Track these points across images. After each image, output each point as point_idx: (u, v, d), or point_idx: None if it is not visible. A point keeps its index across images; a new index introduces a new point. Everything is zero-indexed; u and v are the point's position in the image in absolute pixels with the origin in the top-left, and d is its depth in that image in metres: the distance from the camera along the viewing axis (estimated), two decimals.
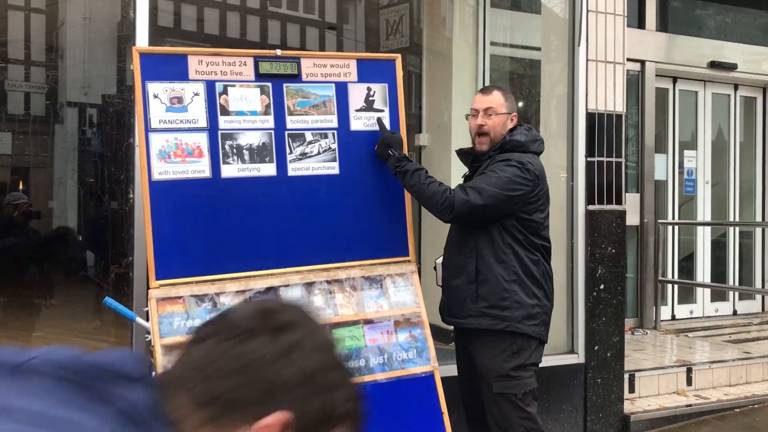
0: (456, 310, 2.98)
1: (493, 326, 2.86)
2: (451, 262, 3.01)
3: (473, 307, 2.90)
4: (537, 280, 2.92)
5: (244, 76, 2.91)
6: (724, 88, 7.24)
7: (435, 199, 2.82)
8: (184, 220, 2.79)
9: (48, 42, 10.17)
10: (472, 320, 2.91)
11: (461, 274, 2.94)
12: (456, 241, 3.01)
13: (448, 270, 3.03)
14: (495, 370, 2.86)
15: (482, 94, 3.05)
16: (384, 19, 6.72)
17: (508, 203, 2.83)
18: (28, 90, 10.56)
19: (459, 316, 2.96)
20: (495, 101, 2.97)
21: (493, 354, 2.88)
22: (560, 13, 4.77)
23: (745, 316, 7.21)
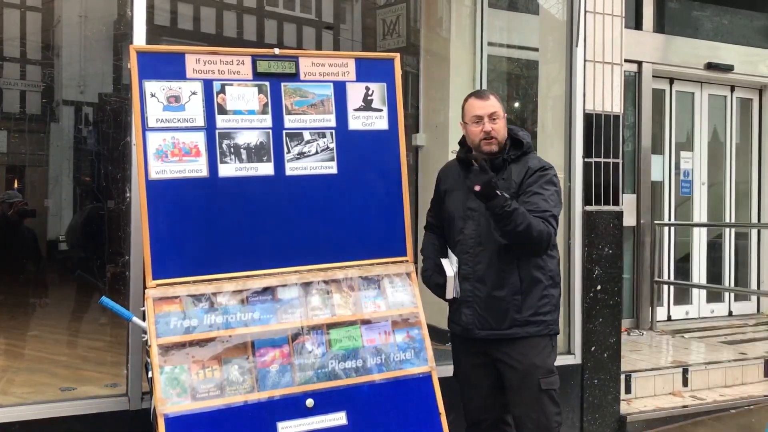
0: (495, 322, 2.91)
1: (538, 332, 2.90)
2: (492, 276, 2.91)
3: (518, 317, 2.89)
4: (559, 280, 3.03)
5: (242, 75, 2.90)
6: (720, 89, 7.26)
7: (543, 234, 2.77)
8: (181, 219, 2.77)
9: (44, 40, 10.14)
10: (518, 329, 2.89)
11: (504, 285, 2.89)
12: (495, 252, 2.90)
13: (486, 282, 2.91)
14: (543, 368, 2.90)
15: (481, 99, 2.97)
16: (381, 19, 6.71)
17: None
18: (23, 88, 10.52)
19: (499, 327, 2.90)
20: (496, 105, 2.94)
21: (537, 352, 2.91)
22: (557, 14, 4.78)
23: (741, 317, 7.23)
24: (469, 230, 2.95)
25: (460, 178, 3.02)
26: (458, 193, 3.02)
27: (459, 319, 3.02)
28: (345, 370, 2.85)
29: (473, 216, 2.94)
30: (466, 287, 2.98)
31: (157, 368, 2.62)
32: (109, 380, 3.97)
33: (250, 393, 2.69)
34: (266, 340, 2.78)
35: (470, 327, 2.98)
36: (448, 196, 3.07)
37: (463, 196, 2.98)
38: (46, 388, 4.18)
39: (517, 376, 2.91)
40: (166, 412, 2.57)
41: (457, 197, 3.03)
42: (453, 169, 3.12)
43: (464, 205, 2.98)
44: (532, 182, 2.89)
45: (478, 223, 2.93)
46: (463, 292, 2.99)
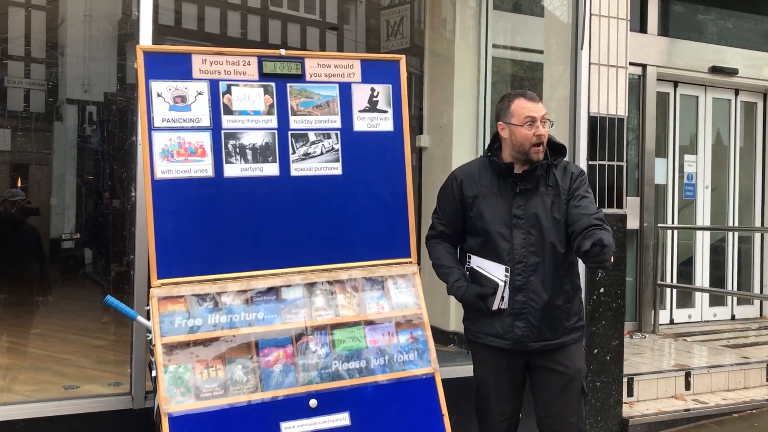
0: (550, 332, 2.85)
1: (579, 338, 2.94)
2: (548, 283, 2.82)
3: (567, 324, 2.88)
4: None
5: (248, 75, 2.91)
6: (724, 93, 7.26)
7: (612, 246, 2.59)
8: (186, 219, 2.78)
9: (48, 39, 10.17)
10: (566, 337, 2.88)
11: (560, 294, 2.85)
12: (552, 260, 2.82)
13: (542, 293, 2.82)
14: (583, 370, 2.96)
15: (533, 101, 2.82)
16: (384, 20, 6.72)
17: None
18: (28, 87, 10.55)
19: (553, 337, 2.86)
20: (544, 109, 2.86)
21: (579, 357, 2.95)
22: (562, 17, 4.78)
23: (744, 321, 7.22)
24: (519, 239, 2.81)
25: (493, 183, 2.89)
26: (496, 199, 2.87)
27: (511, 332, 2.85)
28: (348, 370, 2.85)
29: (520, 224, 2.82)
30: (518, 299, 2.83)
31: (161, 367, 2.62)
32: (113, 379, 3.98)
33: (254, 393, 2.70)
34: (270, 340, 2.79)
35: (524, 340, 2.84)
36: (482, 202, 2.88)
37: (503, 202, 2.85)
38: (49, 386, 4.20)
39: (563, 381, 2.88)
40: (170, 411, 2.58)
41: (495, 204, 2.87)
42: (480, 174, 2.93)
43: (508, 213, 2.84)
44: (578, 187, 2.85)
45: (528, 232, 2.82)
46: (516, 303, 2.84)
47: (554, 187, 2.85)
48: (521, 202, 2.84)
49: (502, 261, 2.84)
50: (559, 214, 2.83)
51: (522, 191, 2.85)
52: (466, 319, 3.03)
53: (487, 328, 2.91)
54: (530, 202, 2.84)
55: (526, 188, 2.85)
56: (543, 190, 2.85)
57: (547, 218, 2.82)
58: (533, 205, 2.84)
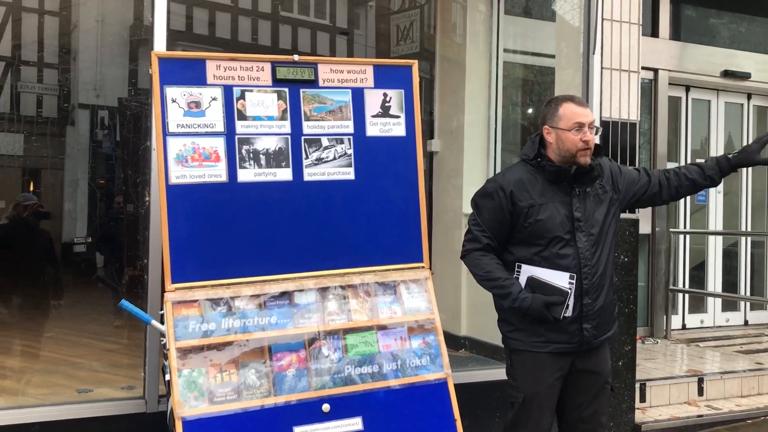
0: (605, 328, 2.87)
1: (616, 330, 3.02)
2: (606, 283, 2.83)
3: (614, 315, 2.98)
4: None
5: (262, 81, 2.92)
6: (737, 97, 7.22)
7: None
8: (200, 223, 2.80)
9: (61, 44, 10.24)
10: (614, 327, 2.99)
11: (611, 290, 2.89)
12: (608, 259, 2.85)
13: (603, 291, 2.82)
14: (611, 370, 3.00)
15: (582, 106, 2.79)
16: (395, 25, 6.74)
17: None
18: (41, 92, 10.63)
19: (606, 331, 2.89)
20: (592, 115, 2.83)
21: (608, 355, 3.00)
22: (573, 21, 4.77)
23: (757, 326, 7.17)
24: (583, 243, 2.77)
25: (549, 189, 2.81)
26: (555, 206, 2.79)
27: (578, 335, 2.80)
28: (361, 375, 2.86)
29: (582, 227, 2.78)
30: (586, 302, 2.78)
31: (175, 371, 2.63)
32: (125, 383, 4.00)
33: (267, 397, 2.71)
34: (283, 344, 2.80)
35: (590, 339, 2.82)
36: (540, 210, 2.78)
37: (562, 208, 2.79)
38: (63, 390, 4.22)
39: (600, 382, 2.92)
40: (184, 415, 2.59)
41: (555, 210, 2.79)
42: (530, 182, 2.83)
43: (569, 217, 2.78)
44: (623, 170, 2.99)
45: (589, 233, 2.79)
46: (584, 307, 2.78)
47: (604, 187, 2.88)
48: (578, 204, 2.81)
49: (566, 267, 2.77)
50: (612, 211, 2.90)
51: (579, 194, 2.82)
52: (518, 330, 2.85)
53: (551, 336, 2.80)
54: (586, 204, 2.82)
55: (584, 190, 2.82)
56: (595, 191, 2.86)
57: (602, 217, 2.85)
58: (590, 206, 2.83)
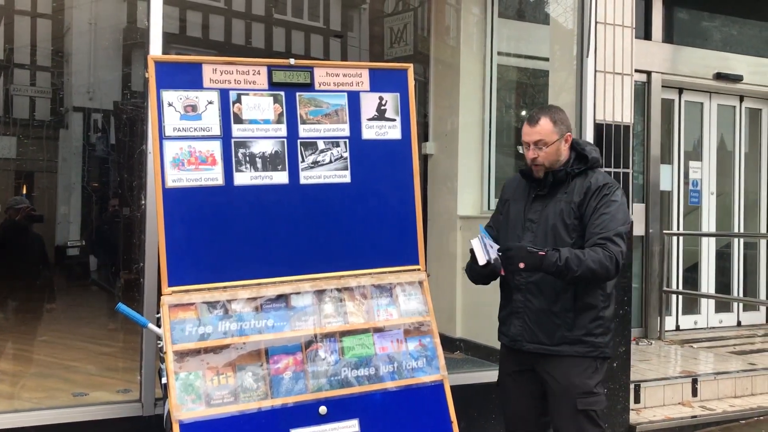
0: (545, 337, 2.84)
1: (589, 353, 2.82)
2: (547, 288, 2.84)
3: (568, 335, 2.81)
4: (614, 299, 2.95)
5: (258, 84, 2.93)
6: (729, 99, 7.27)
7: (605, 263, 2.69)
8: (196, 227, 2.80)
9: (54, 47, 10.22)
10: (566, 347, 2.82)
11: (558, 301, 2.82)
12: None
13: (543, 296, 2.85)
14: (581, 387, 2.81)
15: (529, 125, 2.91)
16: (388, 27, 6.76)
17: None
18: (34, 95, 10.60)
19: (549, 343, 2.83)
20: (543, 131, 2.86)
21: (578, 372, 2.82)
22: (565, 24, 4.80)
23: (750, 327, 7.21)
24: (526, 241, 2.85)
25: (522, 188, 3.00)
26: (519, 203, 2.98)
27: (508, 330, 2.94)
28: (358, 377, 2.87)
29: (531, 227, 2.89)
30: (517, 297, 2.90)
31: (172, 374, 2.64)
32: (120, 386, 3.99)
33: (264, 400, 2.71)
34: (280, 347, 2.80)
35: (519, 339, 2.90)
36: (510, 205, 3.02)
37: (522, 206, 2.96)
38: (58, 394, 4.21)
39: (558, 392, 2.85)
40: (181, 418, 2.59)
41: (517, 207, 2.98)
42: (515, 180, 3.08)
43: (524, 215, 2.92)
44: (596, 202, 2.81)
45: (536, 235, 2.86)
46: (515, 302, 2.91)
47: (569, 194, 2.86)
48: (538, 207, 2.90)
49: None
50: (569, 221, 2.83)
51: (538, 197, 2.92)
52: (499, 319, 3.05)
53: (499, 325, 3.02)
54: (546, 208, 2.88)
55: (542, 194, 2.91)
56: (560, 196, 2.87)
57: (556, 224, 2.84)
58: (547, 211, 2.87)
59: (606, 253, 2.70)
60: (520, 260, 2.70)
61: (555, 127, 2.89)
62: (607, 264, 2.70)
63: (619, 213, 2.80)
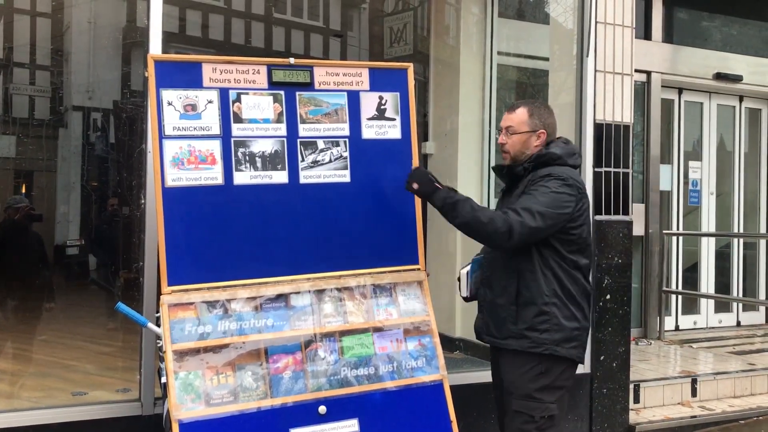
0: (496, 330, 2.88)
1: (531, 348, 2.77)
2: (495, 281, 2.89)
3: (513, 328, 2.81)
4: (576, 300, 2.82)
5: (258, 84, 2.93)
6: (729, 99, 7.27)
7: (494, 225, 2.66)
8: (196, 226, 2.79)
9: (54, 46, 10.21)
10: (512, 341, 2.81)
11: (504, 294, 2.84)
12: (501, 260, 2.88)
13: (492, 289, 2.91)
14: (519, 389, 2.80)
15: (507, 111, 2.97)
16: (388, 27, 6.76)
17: (557, 221, 2.72)
18: (33, 94, 10.59)
19: (498, 336, 2.86)
20: (516, 119, 2.91)
21: (520, 372, 2.81)
22: (565, 23, 4.80)
23: (749, 327, 7.22)
24: None
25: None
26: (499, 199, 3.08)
27: (476, 323, 3.05)
28: (357, 377, 2.86)
29: None
30: (480, 292, 3.00)
31: (171, 374, 2.63)
32: (120, 385, 3.99)
33: (264, 399, 2.71)
34: (279, 346, 2.80)
35: (479, 332, 3.01)
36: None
37: (497, 201, 3.05)
38: (57, 393, 4.21)
39: (507, 395, 2.87)
40: (181, 417, 2.59)
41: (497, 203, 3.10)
42: None
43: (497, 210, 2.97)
44: (529, 188, 2.79)
45: None
46: (479, 297, 3.01)
47: (520, 188, 2.87)
48: (502, 202, 2.99)
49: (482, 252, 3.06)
50: None
51: (504, 192, 3.03)
52: None
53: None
54: (505, 203, 2.94)
55: (505, 189, 3.02)
56: (515, 191, 2.89)
57: None
58: (504, 205, 2.93)
59: (503, 217, 2.67)
60: (415, 180, 2.85)
61: (529, 119, 2.90)
62: (498, 225, 2.65)
63: (542, 196, 2.71)
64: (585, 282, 2.87)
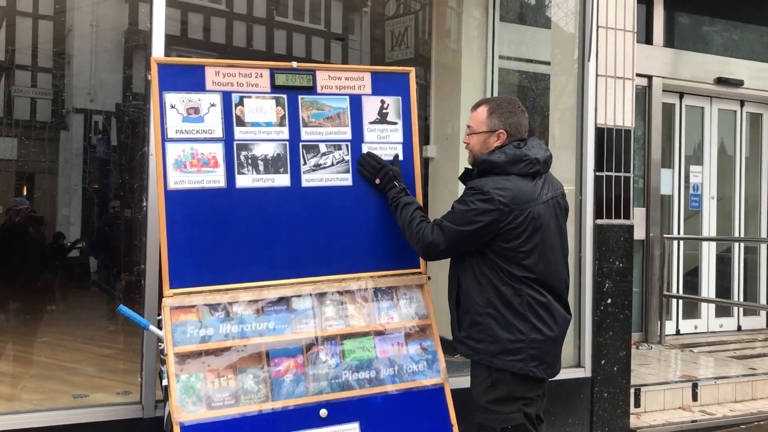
0: (461, 337, 2.85)
1: (471, 356, 2.78)
2: (447, 286, 2.93)
3: (457, 334, 2.84)
4: (518, 312, 2.68)
5: (260, 87, 2.94)
6: (730, 104, 7.28)
7: (413, 239, 2.80)
8: (198, 229, 2.80)
9: (56, 49, 10.22)
10: (459, 346, 2.85)
11: (450, 299, 2.89)
12: (450, 263, 2.91)
13: (447, 292, 2.95)
14: (477, 401, 2.80)
15: (471, 109, 2.91)
16: (389, 30, 6.77)
17: (473, 237, 2.66)
18: (35, 96, 10.61)
19: (462, 344, 2.85)
20: (476, 119, 2.83)
21: (475, 384, 2.81)
22: (566, 28, 4.81)
23: (750, 331, 7.21)
24: None
25: None
26: None
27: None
28: (358, 380, 2.87)
29: None
30: None
31: (173, 377, 2.64)
32: (121, 388, 3.99)
33: (265, 402, 2.71)
34: (281, 350, 2.81)
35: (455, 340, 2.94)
36: None
37: None
38: (58, 395, 4.21)
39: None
40: (182, 420, 2.59)
41: None
42: None
43: None
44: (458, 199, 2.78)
45: None
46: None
47: None
48: None
49: None
50: None
51: None
52: None
53: None
54: None
55: None
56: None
57: None
58: None
59: (421, 235, 2.75)
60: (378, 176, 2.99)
61: (488, 118, 2.79)
62: (415, 242, 2.80)
63: (455, 213, 2.70)
64: (533, 293, 2.70)
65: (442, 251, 2.75)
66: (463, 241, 2.69)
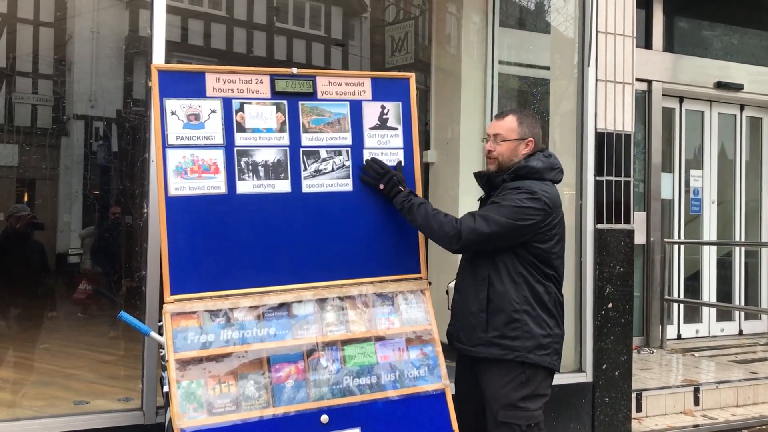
0: (465, 338, 2.90)
1: (503, 356, 2.79)
2: (465, 289, 2.94)
3: (483, 336, 2.83)
4: (548, 308, 2.84)
5: (261, 93, 2.94)
6: (730, 108, 7.29)
7: (442, 229, 2.80)
8: (199, 235, 2.80)
9: (56, 55, 10.25)
10: (482, 349, 2.83)
11: (474, 301, 2.87)
12: (470, 267, 2.92)
13: (462, 296, 2.96)
14: (502, 399, 2.80)
15: (496, 118, 3.01)
16: (389, 36, 6.80)
17: (517, 232, 2.76)
18: (36, 102, 10.63)
19: (468, 343, 2.89)
20: (505, 127, 2.92)
21: (502, 383, 2.81)
22: (566, 33, 4.82)
23: (751, 336, 7.21)
24: None
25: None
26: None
27: (447, 328, 3.06)
28: (359, 386, 2.86)
29: None
30: (455, 298, 3.03)
31: (174, 383, 2.63)
32: (122, 394, 3.99)
33: (266, 408, 2.71)
34: (282, 355, 2.80)
35: (451, 338, 3.01)
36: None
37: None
38: (59, 402, 4.20)
39: (487, 399, 2.88)
40: (183, 426, 2.59)
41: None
42: None
43: None
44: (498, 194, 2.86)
45: None
46: (453, 303, 3.04)
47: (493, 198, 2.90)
48: (480, 208, 3.00)
49: None
50: None
51: (481, 201, 3.07)
52: None
53: None
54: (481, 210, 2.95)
55: (484, 198, 3.04)
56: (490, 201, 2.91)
57: None
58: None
59: (453, 224, 2.79)
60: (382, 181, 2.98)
61: (519, 127, 2.91)
62: (447, 230, 2.79)
63: (504, 207, 2.76)
64: (557, 291, 2.91)
65: (478, 241, 2.77)
66: (505, 235, 2.76)
